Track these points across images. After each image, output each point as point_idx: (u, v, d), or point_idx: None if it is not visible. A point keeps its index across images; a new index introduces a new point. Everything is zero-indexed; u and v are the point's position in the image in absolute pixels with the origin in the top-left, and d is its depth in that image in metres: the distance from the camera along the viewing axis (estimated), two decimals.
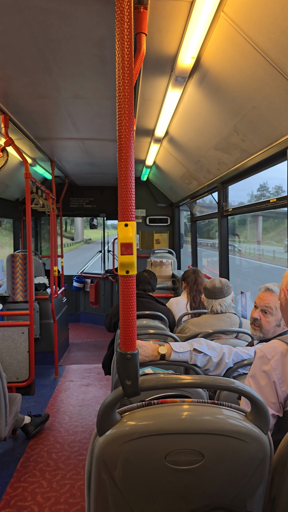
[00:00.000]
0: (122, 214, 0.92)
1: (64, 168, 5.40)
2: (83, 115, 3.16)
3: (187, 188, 4.72)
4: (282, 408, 1.26)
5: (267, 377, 1.27)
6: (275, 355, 1.27)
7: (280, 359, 1.26)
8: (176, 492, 0.98)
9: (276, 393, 1.25)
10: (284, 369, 1.25)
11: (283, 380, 1.24)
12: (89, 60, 2.17)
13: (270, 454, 0.99)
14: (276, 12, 1.42)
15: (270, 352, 1.29)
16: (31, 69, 2.30)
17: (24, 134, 3.57)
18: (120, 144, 0.92)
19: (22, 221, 6.19)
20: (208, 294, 2.52)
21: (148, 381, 0.97)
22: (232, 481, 0.99)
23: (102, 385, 4.20)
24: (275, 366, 1.26)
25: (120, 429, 0.95)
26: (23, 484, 2.48)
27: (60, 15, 1.74)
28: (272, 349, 1.29)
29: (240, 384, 0.98)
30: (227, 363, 1.79)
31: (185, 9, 1.67)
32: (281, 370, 1.25)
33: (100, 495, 1.00)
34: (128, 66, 0.90)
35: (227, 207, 3.49)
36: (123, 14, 0.88)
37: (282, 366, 1.25)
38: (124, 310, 0.93)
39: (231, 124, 2.45)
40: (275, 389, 1.25)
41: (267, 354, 1.29)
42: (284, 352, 1.27)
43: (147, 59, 2.13)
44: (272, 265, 12.20)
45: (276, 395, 1.25)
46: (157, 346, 1.74)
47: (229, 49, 1.82)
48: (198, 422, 0.97)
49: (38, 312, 4.67)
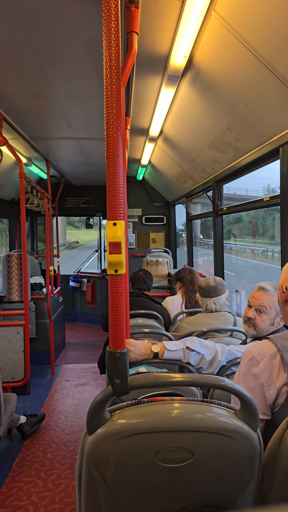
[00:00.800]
0: (111, 213, 0.92)
1: (60, 167, 5.39)
2: (78, 114, 3.16)
3: (182, 187, 4.73)
4: (270, 410, 1.26)
5: (255, 380, 1.27)
6: (264, 357, 1.27)
7: (268, 362, 1.26)
8: (166, 489, 0.99)
9: (264, 395, 1.25)
10: (272, 371, 1.25)
11: (271, 383, 1.24)
12: (82, 59, 2.17)
13: (259, 451, 0.99)
14: (266, 11, 1.43)
15: (259, 355, 1.28)
16: (24, 69, 2.30)
17: (18, 133, 3.57)
18: (108, 143, 0.92)
19: (18, 221, 6.18)
20: (203, 293, 2.53)
21: (137, 379, 0.97)
22: (222, 478, 0.99)
23: (98, 385, 4.20)
24: (263, 369, 1.26)
25: (110, 428, 0.95)
26: (18, 484, 2.48)
27: (52, 14, 1.74)
28: (262, 351, 1.29)
29: (230, 382, 0.98)
30: (220, 361, 1.80)
31: (177, 8, 1.67)
32: (269, 372, 1.25)
33: (91, 493, 1.00)
34: (116, 65, 0.90)
35: (222, 206, 3.49)
36: (110, 12, 0.88)
37: (271, 369, 1.25)
38: (113, 309, 0.93)
39: (224, 123, 2.46)
40: (262, 391, 1.25)
41: (256, 357, 1.28)
42: (273, 354, 1.26)
43: (140, 58, 2.13)
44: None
45: (264, 397, 1.25)
46: (150, 344, 1.75)
47: (221, 48, 1.82)
48: (188, 420, 0.97)
49: (34, 312, 4.66)
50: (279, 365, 1.25)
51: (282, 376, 1.24)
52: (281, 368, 1.24)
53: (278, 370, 1.25)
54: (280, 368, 1.24)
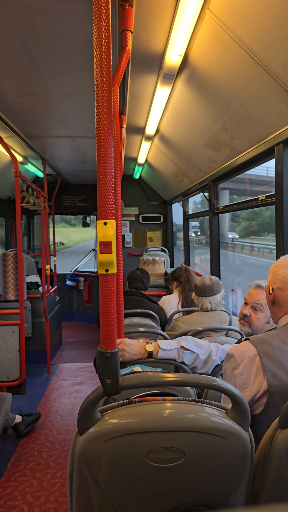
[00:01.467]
0: (101, 212, 0.92)
1: (56, 166, 5.38)
2: (73, 112, 3.15)
3: (179, 186, 4.72)
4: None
5: (234, 380, 1.28)
6: (244, 360, 1.27)
7: (248, 364, 1.26)
8: (158, 489, 0.99)
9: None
10: (250, 374, 1.25)
11: (248, 385, 1.24)
12: (76, 57, 2.16)
13: (251, 451, 1.00)
14: (259, 10, 1.42)
15: (240, 357, 1.28)
16: (19, 67, 2.28)
17: (14, 132, 3.55)
18: (98, 142, 0.91)
19: (14, 220, 6.16)
20: (198, 292, 2.53)
21: (129, 379, 0.97)
22: (213, 478, 0.99)
23: (94, 384, 4.20)
24: (242, 371, 1.26)
25: (101, 428, 0.95)
26: (13, 484, 2.47)
27: (46, 12, 1.73)
28: (242, 353, 1.29)
29: (221, 381, 0.98)
30: (215, 361, 1.80)
31: (171, 6, 1.66)
32: (247, 375, 1.25)
33: (82, 493, 1.00)
34: (106, 64, 0.90)
35: (218, 205, 3.49)
36: (101, 11, 0.88)
37: (249, 371, 1.25)
38: (104, 309, 0.93)
39: (220, 122, 2.46)
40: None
41: (237, 358, 1.28)
42: (252, 357, 1.26)
43: (135, 56, 2.13)
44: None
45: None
46: (145, 344, 1.75)
47: (216, 47, 1.81)
48: (179, 420, 0.97)
49: (30, 311, 4.65)
50: (257, 368, 1.25)
51: (259, 380, 1.23)
52: (259, 372, 1.24)
53: (256, 373, 1.24)
54: (258, 371, 1.24)
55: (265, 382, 1.22)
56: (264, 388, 1.21)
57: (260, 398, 1.23)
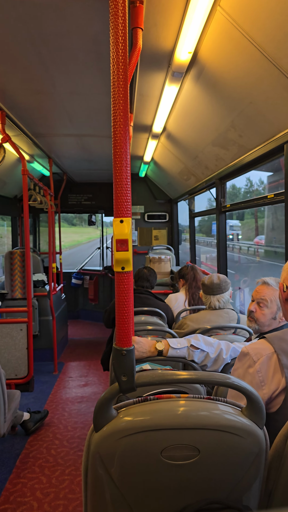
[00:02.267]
0: (118, 210, 0.92)
1: (62, 164, 5.38)
2: (80, 111, 3.15)
3: (185, 184, 4.71)
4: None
5: (250, 378, 1.28)
6: (260, 358, 1.27)
7: (265, 362, 1.26)
8: (172, 487, 0.99)
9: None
10: (267, 372, 1.25)
11: (266, 383, 1.24)
12: (85, 55, 2.16)
13: (265, 449, 0.99)
14: (271, 7, 1.42)
15: (256, 355, 1.28)
16: (27, 65, 2.29)
17: (21, 130, 3.56)
18: (115, 140, 0.92)
19: (21, 218, 6.18)
20: (206, 290, 2.53)
21: (144, 377, 0.97)
22: (228, 476, 0.99)
23: (101, 381, 4.22)
24: (259, 369, 1.26)
25: (116, 425, 0.96)
26: (23, 480, 2.49)
27: (55, 10, 1.73)
28: (258, 351, 1.29)
29: (236, 379, 0.98)
30: (225, 359, 1.80)
31: (182, 4, 1.66)
32: (265, 372, 1.25)
33: (97, 490, 1.00)
34: (123, 61, 0.90)
35: (225, 203, 3.48)
36: (117, 8, 0.88)
37: (266, 369, 1.25)
38: (120, 307, 0.93)
39: (228, 120, 2.45)
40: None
41: (253, 356, 1.28)
42: (269, 355, 1.26)
43: (144, 54, 2.12)
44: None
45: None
46: (154, 342, 1.75)
47: (226, 44, 1.81)
48: (194, 417, 0.97)
49: (37, 309, 4.67)
50: (274, 366, 1.25)
51: (278, 378, 1.23)
52: (277, 369, 1.24)
53: (274, 371, 1.24)
54: (276, 369, 1.24)
55: (283, 380, 1.22)
56: (282, 385, 1.21)
57: (278, 396, 1.23)
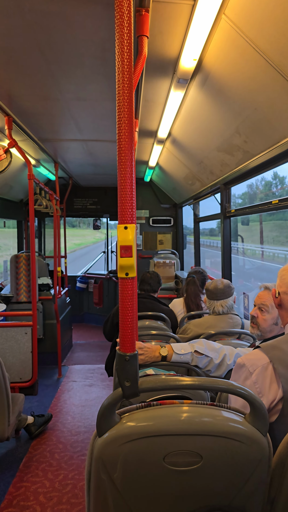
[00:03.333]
0: (122, 217, 0.93)
1: (68, 169, 5.42)
2: (86, 116, 3.18)
3: (190, 189, 4.72)
4: None
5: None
6: (256, 368, 1.26)
7: (261, 373, 1.25)
8: (175, 493, 0.99)
9: None
10: (264, 382, 1.24)
11: (263, 394, 1.23)
12: (91, 62, 2.18)
13: (269, 456, 0.99)
14: (277, 15, 1.43)
15: (251, 366, 1.27)
16: (34, 71, 2.32)
17: (27, 135, 3.60)
18: (119, 146, 0.93)
19: (26, 222, 6.22)
20: (210, 296, 2.52)
21: (147, 382, 0.97)
22: (230, 483, 0.99)
23: (105, 386, 4.21)
24: (255, 380, 1.25)
25: (119, 430, 0.96)
26: (26, 484, 2.49)
27: (62, 18, 1.75)
28: (254, 362, 1.28)
29: (239, 386, 0.98)
30: (229, 365, 1.80)
31: (187, 12, 1.67)
32: (261, 383, 1.24)
33: (100, 495, 1.00)
34: (128, 69, 0.91)
35: (230, 208, 3.49)
36: (123, 17, 0.89)
37: (263, 380, 1.24)
38: (124, 312, 0.94)
39: (233, 126, 2.46)
40: None
41: (249, 368, 1.27)
42: (265, 365, 1.25)
43: (149, 61, 2.14)
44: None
45: None
46: (159, 347, 1.75)
47: (231, 51, 1.82)
48: (197, 423, 0.97)
49: (41, 312, 4.69)
50: (271, 376, 1.24)
51: (274, 388, 1.22)
52: (273, 380, 1.23)
53: (270, 381, 1.23)
54: (272, 379, 1.23)
55: (280, 390, 1.21)
56: (280, 396, 1.20)
57: (276, 406, 1.22)
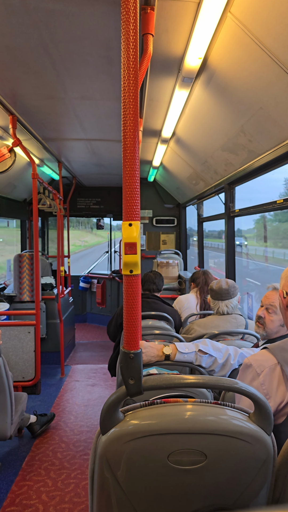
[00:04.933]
0: (127, 214, 0.92)
1: (72, 168, 5.43)
2: (90, 116, 3.18)
3: (194, 189, 4.72)
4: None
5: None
6: (264, 369, 1.24)
7: (268, 374, 1.23)
8: (179, 492, 0.98)
9: None
10: (271, 384, 1.22)
11: (271, 395, 1.21)
12: (96, 61, 2.18)
13: (273, 455, 0.98)
14: (283, 13, 1.42)
15: (259, 367, 1.25)
16: (39, 70, 2.32)
17: (31, 134, 3.60)
18: (125, 144, 0.92)
19: (30, 221, 6.24)
20: (215, 296, 2.52)
21: (151, 380, 0.97)
22: (235, 482, 0.99)
23: (107, 385, 4.21)
24: (262, 381, 1.23)
25: (123, 428, 0.96)
26: (28, 483, 2.49)
27: (67, 16, 1.75)
28: (261, 363, 1.26)
29: (243, 384, 0.98)
30: (232, 365, 1.79)
31: (192, 10, 1.67)
32: (269, 385, 1.22)
33: (103, 494, 1.00)
34: (133, 67, 0.91)
35: (234, 208, 3.47)
36: (129, 15, 0.89)
37: (270, 381, 1.22)
38: (128, 310, 0.93)
39: (238, 125, 2.45)
40: None
41: (256, 368, 1.25)
42: (273, 367, 1.23)
43: (154, 59, 2.14)
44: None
45: None
46: (162, 346, 1.74)
47: (236, 50, 1.81)
48: (201, 422, 0.96)
49: (44, 312, 4.70)
50: (278, 377, 1.22)
51: (282, 390, 1.21)
52: (281, 381, 1.22)
53: (278, 383, 1.22)
54: (280, 381, 1.22)
55: (286, 391, 1.20)
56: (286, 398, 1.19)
57: (284, 408, 1.20)
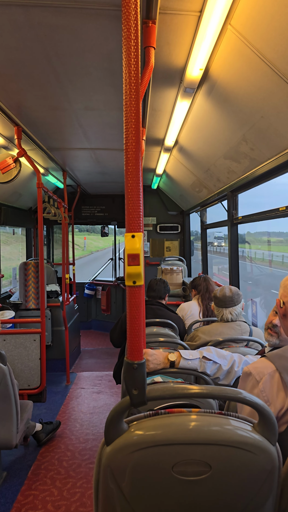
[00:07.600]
0: (130, 225, 0.94)
1: (76, 177, 5.48)
2: (94, 125, 3.22)
3: (197, 196, 4.73)
4: None
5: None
6: (263, 376, 1.25)
7: (268, 380, 1.24)
8: (184, 503, 0.98)
9: None
10: (271, 391, 1.23)
11: (271, 402, 1.22)
12: (99, 73, 2.22)
13: (279, 466, 0.98)
14: (282, 25, 1.44)
15: (258, 374, 1.26)
16: (43, 83, 2.36)
17: (36, 144, 3.65)
18: (127, 156, 0.94)
19: (35, 230, 6.28)
20: (219, 303, 2.51)
21: (155, 390, 0.97)
22: (240, 493, 0.98)
23: (113, 393, 4.20)
24: (262, 388, 1.24)
25: (127, 439, 0.96)
26: (34, 492, 2.48)
27: (71, 31, 1.79)
28: (260, 370, 1.26)
29: (248, 394, 0.98)
30: (237, 372, 1.78)
31: (193, 23, 1.70)
32: (269, 392, 1.23)
33: (108, 504, 1.00)
34: (135, 79, 0.93)
35: (237, 215, 3.48)
36: (130, 29, 0.91)
37: (270, 388, 1.23)
38: (131, 320, 0.94)
39: (239, 134, 2.47)
40: None
41: (256, 376, 1.26)
42: (272, 373, 1.24)
43: (156, 71, 2.17)
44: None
45: None
46: (167, 353, 1.75)
47: (237, 61, 1.84)
48: (206, 432, 0.96)
49: (50, 319, 4.71)
50: (278, 384, 1.23)
51: (282, 397, 1.21)
52: (280, 388, 1.22)
53: (277, 390, 1.22)
54: (279, 387, 1.22)
55: (285, 398, 1.20)
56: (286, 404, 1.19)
57: (284, 415, 1.20)
